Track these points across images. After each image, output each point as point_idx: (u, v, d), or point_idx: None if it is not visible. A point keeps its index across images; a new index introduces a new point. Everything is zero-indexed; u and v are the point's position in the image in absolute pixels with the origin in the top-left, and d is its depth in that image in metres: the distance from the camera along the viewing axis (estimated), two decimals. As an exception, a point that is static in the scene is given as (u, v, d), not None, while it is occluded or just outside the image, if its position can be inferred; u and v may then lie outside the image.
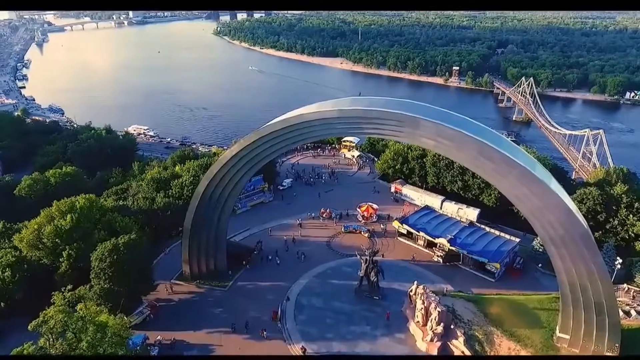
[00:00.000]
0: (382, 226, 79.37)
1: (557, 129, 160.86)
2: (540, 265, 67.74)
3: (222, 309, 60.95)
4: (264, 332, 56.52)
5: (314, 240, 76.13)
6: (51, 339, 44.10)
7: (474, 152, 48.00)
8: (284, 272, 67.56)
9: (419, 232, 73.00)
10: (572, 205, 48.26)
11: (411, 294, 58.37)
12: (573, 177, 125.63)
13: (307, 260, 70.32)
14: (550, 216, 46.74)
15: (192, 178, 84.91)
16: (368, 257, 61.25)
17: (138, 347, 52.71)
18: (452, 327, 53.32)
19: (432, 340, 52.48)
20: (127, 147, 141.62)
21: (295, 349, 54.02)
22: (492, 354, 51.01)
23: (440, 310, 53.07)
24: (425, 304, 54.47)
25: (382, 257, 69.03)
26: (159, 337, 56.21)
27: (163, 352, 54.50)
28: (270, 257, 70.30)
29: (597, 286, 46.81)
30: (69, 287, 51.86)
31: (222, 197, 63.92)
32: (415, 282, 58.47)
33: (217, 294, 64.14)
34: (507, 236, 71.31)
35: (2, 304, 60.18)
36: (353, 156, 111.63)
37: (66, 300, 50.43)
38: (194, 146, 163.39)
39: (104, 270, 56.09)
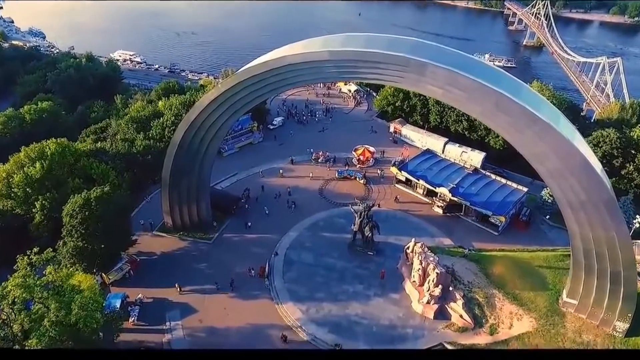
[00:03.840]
0: (379, 171, 73.83)
1: (570, 55, 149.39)
2: (548, 217, 63.22)
3: (206, 264, 57.32)
4: (252, 271, 54.75)
5: (305, 187, 71.01)
6: (12, 314, 40.53)
7: (489, 104, 41.31)
8: (272, 224, 63.17)
9: (418, 180, 67.61)
10: (598, 165, 42.42)
11: (408, 251, 54.32)
12: (583, 110, 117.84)
13: (297, 210, 65.70)
14: (572, 179, 41.15)
15: (173, 118, 78.17)
16: (362, 211, 56.42)
17: (117, 309, 49.77)
18: (450, 288, 49.76)
19: (428, 302, 49.12)
20: (111, 76, 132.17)
21: (283, 310, 50.94)
22: (492, 317, 47.85)
23: (439, 271, 49.17)
24: (423, 264, 50.52)
25: (379, 206, 64.30)
26: (140, 295, 53.04)
27: (144, 311, 51.47)
28: (249, 224, 62.84)
29: (616, 255, 42.34)
30: (35, 249, 47.43)
31: (202, 144, 57.92)
32: (413, 240, 54.17)
33: (201, 247, 60.19)
34: (514, 185, 65.97)
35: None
36: (349, 90, 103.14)
37: (32, 264, 46.43)
38: (182, 74, 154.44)
39: (75, 227, 51.36)
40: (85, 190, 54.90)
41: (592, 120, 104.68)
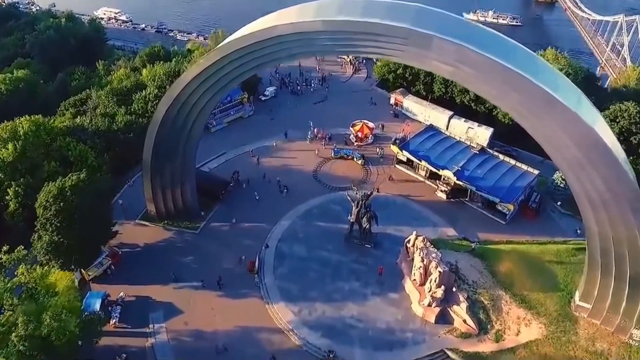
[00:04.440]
0: (378, 150, 68.48)
1: (585, 12, 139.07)
2: (559, 203, 58.68)
3: (192, 258, 53.54)
4: (243, 259, 52.07)
5: (300, 169, 65.94)
6: None
7: (503, 84, 36.75)
8: (263, 211, 58.76)
9: (420, 161, 62.52)
10: (621, 155, 37.90)
11: (408, 245, 50.31)
12: (597, 73, 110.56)
13: (290, 195, 61.06)
14: (592, 171, 36.81)
15: (157, 90, 72.28)
16: (360, 200, 51.94)
17: (96, 312, 46.44)
18: (454, 289, 46.02)
19: (429, 305, 45.57)
20: (94, 37, 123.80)
21: (274, 310, 47.58)
22: (498, 322, 44.41)
23: (441, 270, 45.30)
24: (425, 262, 46.60)
25: (377, 191, 59.77)
26: (121, 294, 49.68)
27: (126, 311, 48.18)
28: (234, 220, 57.67)
29: (638, 257, 38.40)
30: (5, 247, 43.52)
31: (186, 123, 52.96)
32: (414, 233, 49.98)
33: (187, 237, 56.20)
34: (524, 167, 60.74)
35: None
36: (347, 55, 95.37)
37: (2, 264, 42.84)
38: (170, 34, 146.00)
39: (49, 220, 47.12)
40: (61, 177, 50.43)
41: (606, 86, 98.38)
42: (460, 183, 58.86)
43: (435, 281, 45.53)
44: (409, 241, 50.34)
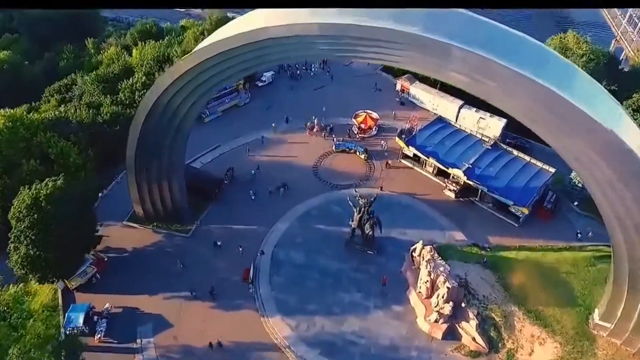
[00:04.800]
0: (382, 142, 63.96)
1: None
2: (576, 203, 54.63)
3: (182, 265, 50.07)
4: (240, 248, 50.05)
5: (298, 164, 61.65)
6: None
7: (530, 101, 32.24)
8: (259, 212, 54.96)
9: (428, 157, 58.14)
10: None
11: (414, 254, 46.79)
12: (612, 49, 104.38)
13: (288, 194, 57.03)
14: (626, 192, 32.94)
15: (144, 78, 67.55)
16: (363, 207, 48.06)
17: (80, 327, 43.64)
18: (463, 305, 42.74)
19: (436, 321, 42.37)
20: (84, 11, 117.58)
21: (270, 324, 44.57)
22: (510, 341, 41.30)
23: (450, 286, 41.90)
24: (432, 276, 43.14)
25: (381, 189, 55.97)
26: (107, 305, 46.58)
27: (112, 324, 45.24)
28: (219, 243, 51.53)
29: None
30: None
31: (172, 123, 48.77)
32: (421, 242, 46.36)
33: (177, 241, 52.74)
34: (539, 164, 56.15)
35: None
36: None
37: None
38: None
39: (23, 232, 43.58)
40: (38, 181, 46.59)
41: (622, 59, 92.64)
42: (471, 182, 54.61)
43: (442, 297, 42.21)
44: (414, 250, 46.84)
